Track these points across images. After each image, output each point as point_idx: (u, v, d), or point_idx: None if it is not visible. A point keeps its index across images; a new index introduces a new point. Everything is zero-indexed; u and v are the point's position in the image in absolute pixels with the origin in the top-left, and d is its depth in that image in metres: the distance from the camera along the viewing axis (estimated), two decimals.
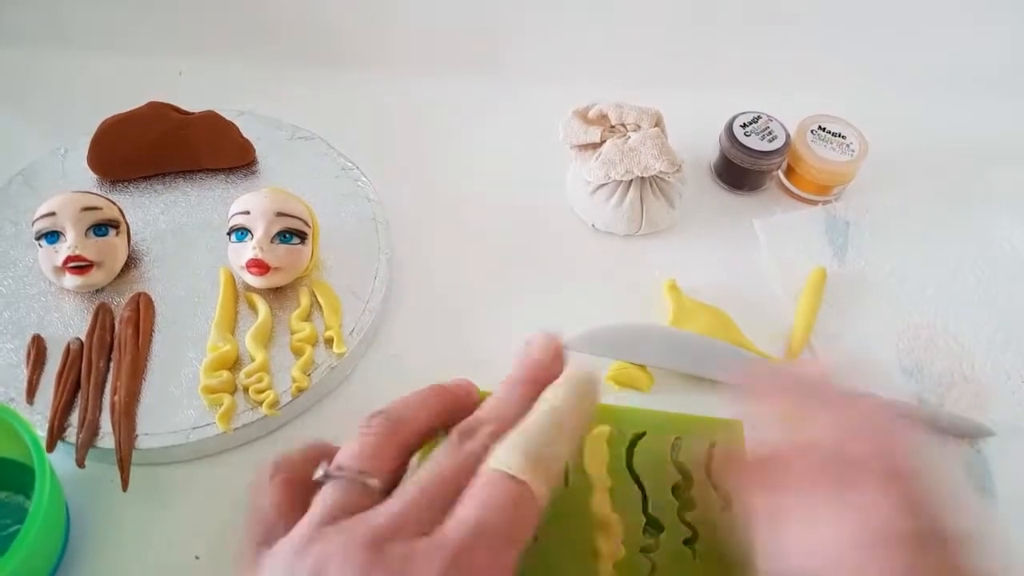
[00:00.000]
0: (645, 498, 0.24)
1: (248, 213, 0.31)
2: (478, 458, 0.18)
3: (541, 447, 0.19)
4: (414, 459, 0.20)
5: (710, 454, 0.26)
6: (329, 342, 0.31)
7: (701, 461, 0.26)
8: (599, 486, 0.24)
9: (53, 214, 0.30)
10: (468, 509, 0.17)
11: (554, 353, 0.22)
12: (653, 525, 0.24)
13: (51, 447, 0.28)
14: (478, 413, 0.20)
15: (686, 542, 0.24)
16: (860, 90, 0.43)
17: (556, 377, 0.21)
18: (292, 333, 0.31)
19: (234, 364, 0.30)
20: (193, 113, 0.36)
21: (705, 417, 0.27)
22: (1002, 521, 0.29)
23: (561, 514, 0.23)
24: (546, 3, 0.46)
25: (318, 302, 0.32)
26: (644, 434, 0.26)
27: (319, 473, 0.18)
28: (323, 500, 0.17)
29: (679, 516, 0.25)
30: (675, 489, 0.25)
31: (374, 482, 0.18)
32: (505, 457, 0.18)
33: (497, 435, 0.19)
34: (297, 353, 0.31)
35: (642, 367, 0.32)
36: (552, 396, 0.20)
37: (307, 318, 0.31)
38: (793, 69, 0.44)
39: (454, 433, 0.19)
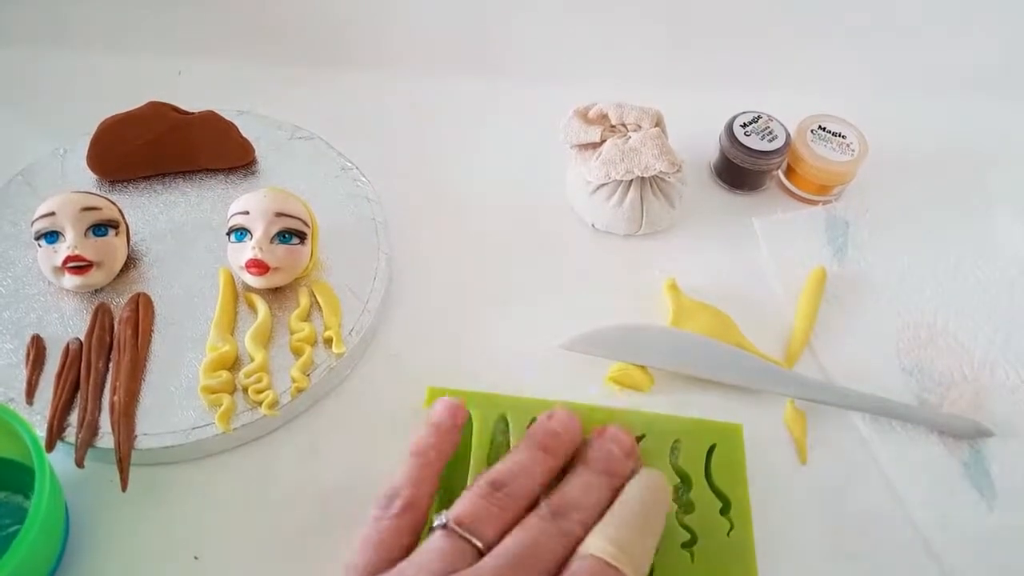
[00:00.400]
0: None
1: (247, 213, 0.31)
2: (574, 538, 0.20)
3: (633, 539, 0.20)
4: None
5: (710, 457, 0.26)
6: (328, 342, 0.31)
7: (700, 464, 0.26)
8: None
9: (52, 214, 0.30)
10: None
11: (629, 448, 0.24)
12: None
13: (50, 447, 0.28)
14: (567, 493, 0.22)
15: (684, 545, 0.24)
16: (860, 90, 0.43)
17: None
18: (291, 333, 0.31)
19: (233, 364, 0.30)
20: (192, 113, 0.36)
21: (705, 420, 0.27)
22: (1001, 521, 0.29)
23: None
24: (546, 3, 0.46)
25: (317, 302, 0.32)
26: (643, 436, 0.26)
27: (439, 521, 0.21)
28: (432, 548, 0.20)
29: (677, 519, 0.25)
30: (674, 492, 0.25)
31: (481, 546, 0.20)
32: (603, 545, 0.20)
33: (587, 523, 0.21)
34: (296, 353, 0.31)
35: (642, 368, 0.32)
36: (636, 490, 0.22)
37: (306, 318, 0.31)
38: (793, 69, 0.44)
39: (545, 507, 0.21)
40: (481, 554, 0.20)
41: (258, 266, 0.31)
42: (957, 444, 0.31)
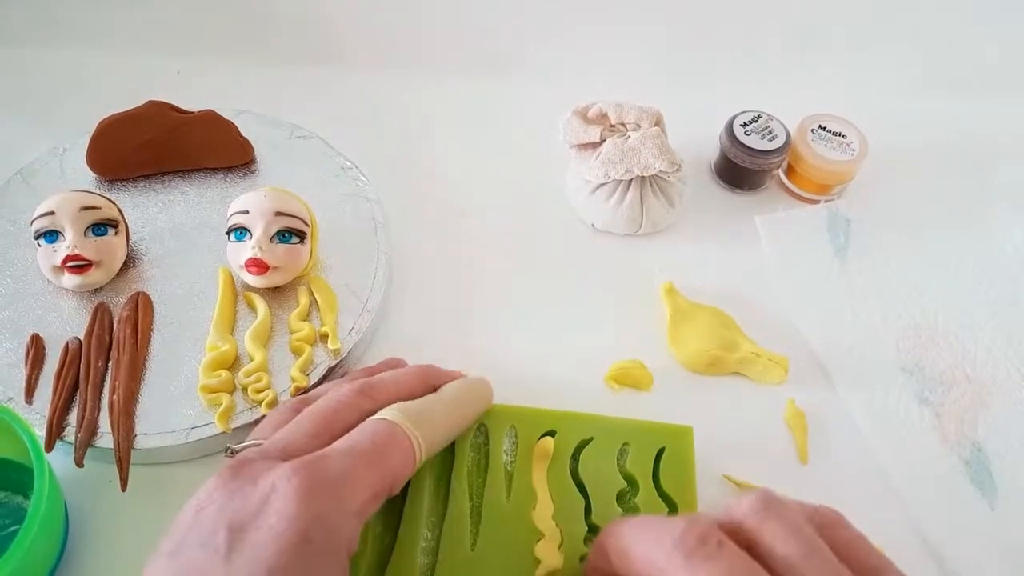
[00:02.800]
0: (589, 506, 0.24)
1: (247, 212, 0.31)
2: (369, 413, 0.22)
3: (422, 412, 0.22)
4: None
5: (658, 460, 0.26)
6: (324, 338, 0.31)
7: (648, 467, 0.26)
8: (541, 496, 0.24)
9: (52, 213, 0.30)
10: (343, 440, 0.20)
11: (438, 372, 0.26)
12: (595, 533, 0.24)
13: (50, 447, 0.28)
14: (381, 378, 0.24)
15: None
16: (861, 89, 0.43)
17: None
18: (291, 333, 0.31)
19: (233, 364, 0.30)
20: (192, 112, 0.36)
21: (655, 423, 0.27)
22: (1003, 520, 0.29)
23: (501, 525, 0.24)
24: (546, 2, 0.46)
25: (316, 300, 0.32)
26: (591, 440, 0.26)
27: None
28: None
29: None
30: (620, 497, 0.25)
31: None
32: (387, 412, 0.21)
33: (390, 402, 0.23)
34: (296, 353, 0.30)
35: (642, 365, 0.32)
36: (450, 387, 0.25)
37: (306, 318, 0.31)
38: (793, 68, 0.44)
39: (358, 383, 0.23)
40: None
41: (258, 265, 0.30)
42: (958, 443, 0.31)
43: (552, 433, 0.26)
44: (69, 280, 0.31)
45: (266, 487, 0.19)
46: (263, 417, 0.29)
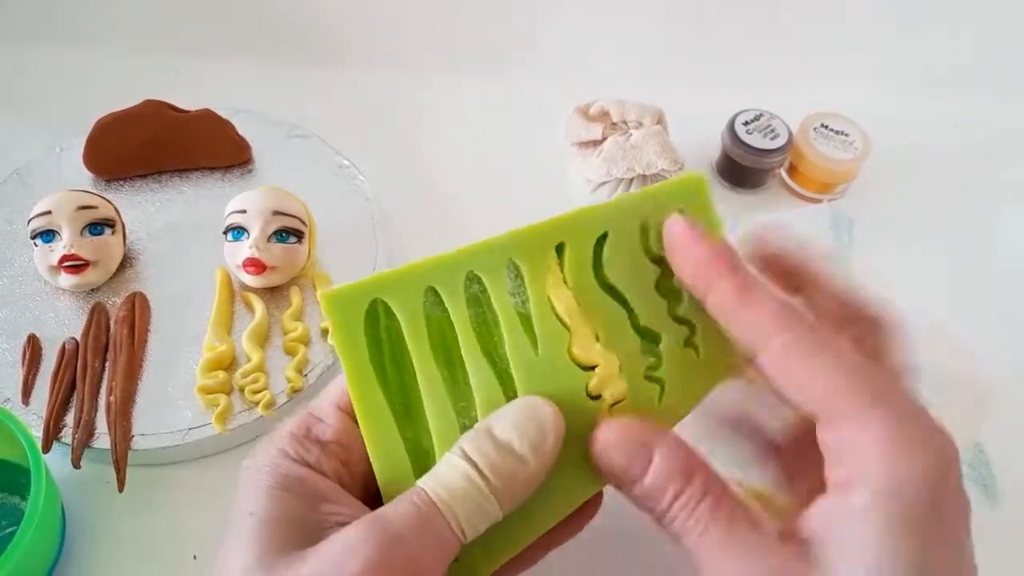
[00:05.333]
0: (631, 311, 0.20)
1: (244, 212, 0.31)
2: None
3: (468, 494, 0.16)
4: None
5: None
6: (325, 332, 0.31)
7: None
8: (574, 327, 0.19)
9: (49, 213, 0.30)
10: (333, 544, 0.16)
11: None
12: (649, 338, 0.20)
13: (47, 448, 0.28)
14: None
15: (687, 341, 0.20)
16: (863, 88, 0.42)
17: None
18: (284, 333, 0.31)
19: (230, 364, 0.30)
20: (189, 111, 0.36)
21: (663, 185, 0.21)
22: (1005, 520, 0.29)
23: (541, 380, 0.18)
24: (547, 1, 0.46)
25: (316, 298, 0.32)
26: (606, 235, 0.20)
27: None
28: None
29: (671, 314, 0.20)
30: (657, 285, 0.20)
31: None
32: (428, 480, 0.17)
33: None
34: (290, 353, 0.30)
35: None
36: (505, 422, 0.18)
37: (299, 318, 0.31)
38: (795, 66, 0.44)
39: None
40: None
41: (255, 265, 0.30)
42: (960, 444, 0.30)
43: (560, 249, 0.20)
44: (66, 280, 0.31)
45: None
46: (260, 418, 0.29)
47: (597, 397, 0.19)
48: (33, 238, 0.31)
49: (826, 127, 0.38)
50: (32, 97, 0.42)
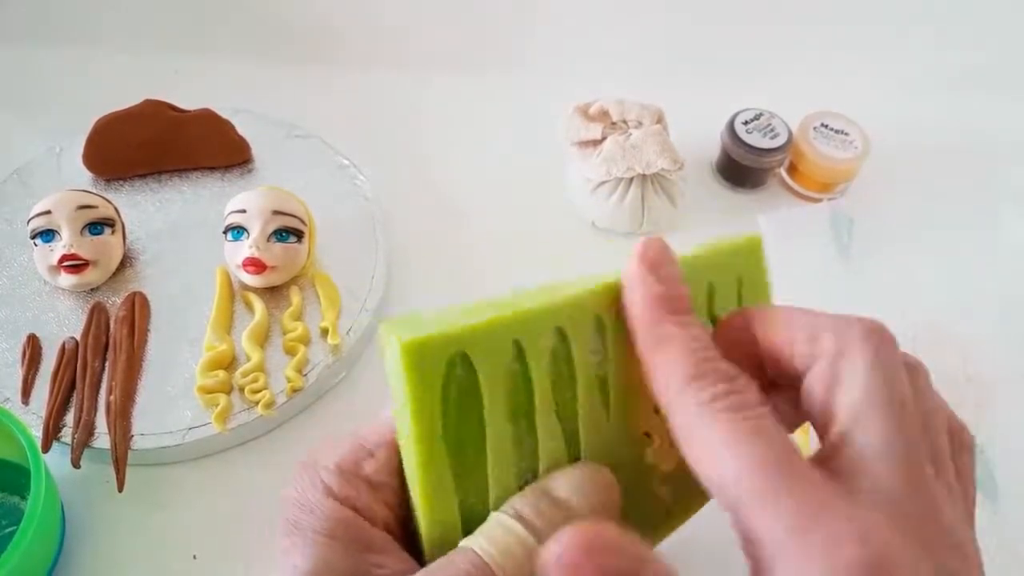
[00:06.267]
0: None
1: (244, 211, 0.31)
2: None
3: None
4: None
5: (741, 292, 0.21)
6: (324, 332, 0.31)
7: (734, 303, 0.20)
8: (642, 391, 0.17)
9: (48, 212, 0.30)
10: None
11: None
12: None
13: (46, 447, 0.28)
14: None
15: None
16: (863, 87, 0.42)
17: None
18: (284, 333, 0.31)
19: (230, 364, 0.30)
20: (189, 111, 0.36)
21: (724, 244, 0.21)
22: (1005, 521, 0.28)
23: (604, 443, 0.18)
24: (547, 1, 0.46)
25: (316, 295, 0.32)
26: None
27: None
28: None
29: None
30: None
31: None
32: (485, 541, 0.15)
33: None
34: (290, 353, 0.30)
35: None
36: (566, 486, 0.16)
37: (299, 317, 0.31)
38: (795, 66, 0.44)
39: None
40: None
41: (255, 265, 0.30)
42: None
43: None
44: (65, 280, 0.31)
45: None
46: (259, 418, 0.29)
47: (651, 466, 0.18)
48: (33, 238, 0.31)
49: (826, 126, 0.38)
50: (32, 97, 0.42)
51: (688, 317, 0.16)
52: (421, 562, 0.16)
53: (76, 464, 0.27)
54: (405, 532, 0.17)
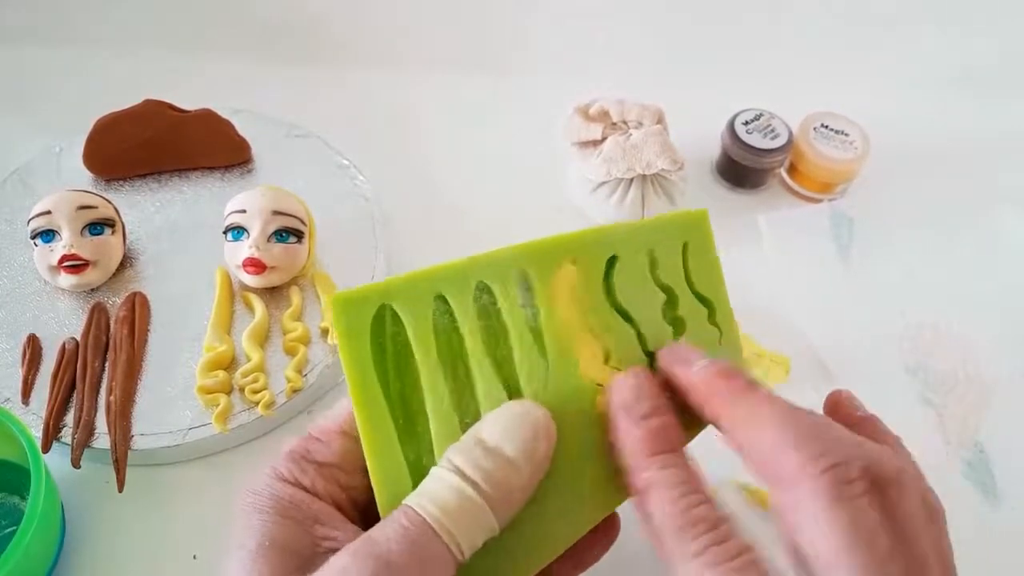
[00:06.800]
0: (639, 334, 0.20)
1: (244, 212, 0.31)
2: None
3: (461, 507, 0.16)
4: None
5: (686, 257, 0.22)
6: (325, 332, 0.31)
7: (680, 270, 0.21)
8: (584, 340, 0.19)
9: (48, 213, 0.30)
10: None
11: None
12: (655, 361, 0.20)
13: (46, 448, 0.28)
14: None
15: None
16: (863, 88, 0.42)
17: None
18: (284, 333, 0.31)
19: (230, 364, 0.30)
20: (189, 111, 0.36)
21: (669, 216, 0.22)
22: (1005, 521, 0.29)
23: (548, 392, 0.18)
24: (547, 1, 0.46)
25: (316, 295, 0.32)
26: (616, 259, 0.20)
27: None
28: None
29: (675, 340, 0.20)
30: (664, 312, 0.21)
31: None
32: (423, 497, 0.16)
33: None
34: (290, 353, 0.30)
35: None
36: (493, 427, 0.17)
37: (299, 318, 0.31)
38: (796, 66, 0.44)
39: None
40: None
41: (255, 265, 0.30)
42: (960, 444, 0.30)
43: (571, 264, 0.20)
44: (65, 280, 0.31)
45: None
46: (259, 418, 0.29)
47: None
48: (33, 238, 0.31)
49: (826, 127, 0.38)
50: (32, 97, 0.42)
51: (670, 456, 0.17)
52: None
53: (76, 464, 0.27)
54: (362, 512, 0.18)
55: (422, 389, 0.18)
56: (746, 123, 0.38)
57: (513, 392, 0.18)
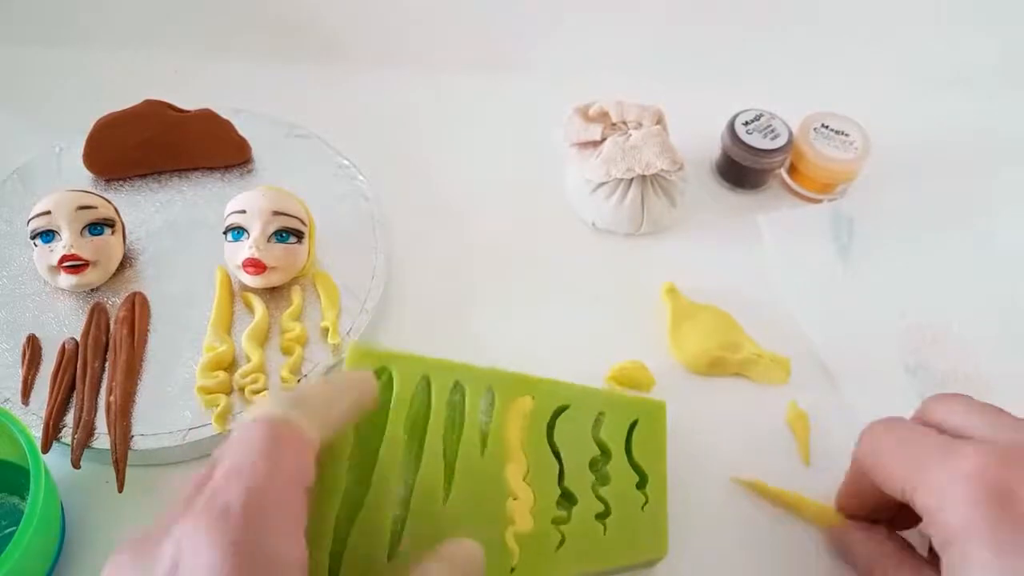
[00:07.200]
0: (562, 471, 0.25)
1: (244, 212, 0.31)
2: None
3: (298, 395, 0.19)
4: None
5: (631, 432, 0.26)
6: (325, 332, 0.31)
7: (622, 438, 0.26)
8: (515, 457, 0.24)
9: (48, 213, 0.30)
10: (221, 463, 0.17)
11: None
12: (567, 498, 0.25)
13: (46, 448, 0.28)
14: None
15: (598, 516, 0.25)
16: (863, 87, 0.42)
17: None
18: (282, 333, 0.31)
19: (230, 364, 0.30)
20: (189, 111, 0.36)
21: (630, 396, 0.28)
22: None
23: (474, 480, 0.23)
24: (546, 1, 0.46)
25: (317, 294, 0.32)
26: (567, 407, 0.26)
27: None
28: None
29: (594, 490, 0.25)
30: (592, 464, 0.25)
31: None
32: (256, 410, 0.18)
33: None
34: (287, 353, 0.30)
35: (643, 366, 0.31)
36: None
37: (298, 318, 0.31)
38: (796, 66, 0.44)
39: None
40: None
41: (255, 265, 0.30)
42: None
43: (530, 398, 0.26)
44: (65, 280, 0.31)
45: (171, 550, 0.16)
46: None
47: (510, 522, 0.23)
48: (33, 238, 0.31)
49: (826, 127, 0.38)
50: (32, 97, 0.42)
51: None
52: None
53: (76, 464, 0.27)
54: None
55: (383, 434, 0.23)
56: (746, 123, 0.38)
57: (449, 465, 0.23)
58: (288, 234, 0.31)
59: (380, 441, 0.23)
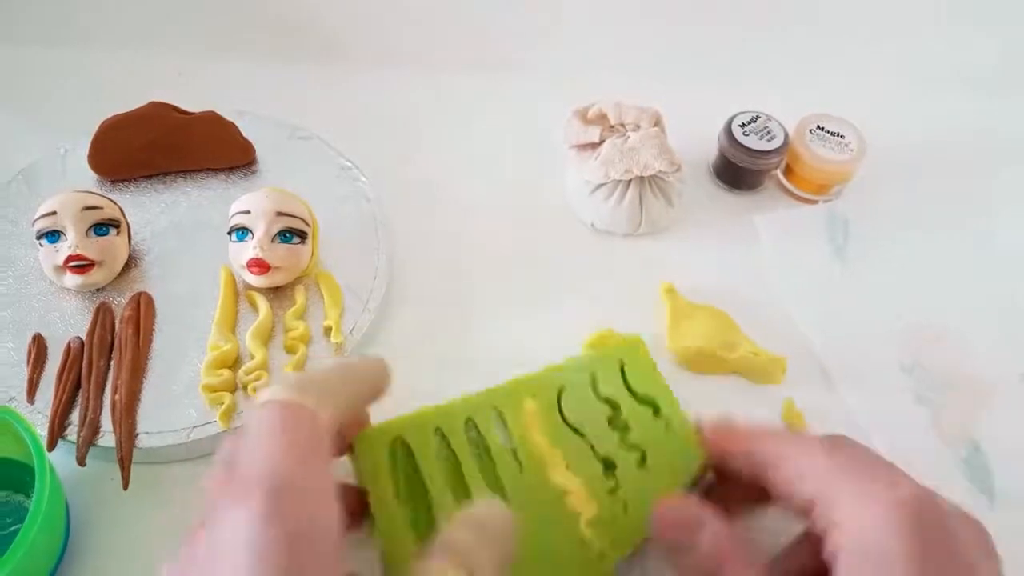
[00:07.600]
0: (591, 444, 0.26)
1: (248, 212, 0.31)
2: None
3: (305, 377, 0.20)
4: None
5: (624, 371, 0.27)
6: (328, 331, 0.31)
7: (620, 384, 0.27)
8: (549, 456, 0.25)
9: (54, 213, 0.31)
10: (240, 451, 0.18)
11: None
12: (608, 467, 0.25)
13: (51, 446, 0.28)
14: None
15: (639, 464, 0.26)
16: (859, 89, 0.43)
17: None
18: (286, 331, 0.31)
19: (235, 363, 0.30)
20: (193, 113, 0.36)
21: (607, 348, 0.28)
22: (1002, 518, 0.29)
23: (528, 495, 0.24)
24: (546, 2, 0.47)
25: (320, 294, 0.32)
26: (563, 387, 0.27)
27: None
28: None
29: (623, 444, 0.26)
30: (610, 421, 0.26)
31: None
32: (264, 394, 0.19)
33: None
34: (290, 351, 0.31)
35: (613, 332, 0.32)
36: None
37: (302, 317, 0.32)
38: (793, 67, 0.44)
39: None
40: None
41: (259, 265, 0.31)
42: (957, 442, 0.31)
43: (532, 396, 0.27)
44: (71, 280, 0.31)
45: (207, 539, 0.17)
46: None
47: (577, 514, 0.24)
48: (38, 239, 0.31)
49: (822, 128, 0.39)
50: (37, 98, 0.42)
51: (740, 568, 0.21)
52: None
53: (81, 462, 0.28)
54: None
55: (428, 494, 0.23)
56: (743, 125, 0.38)
57: (502, 497, 0.24)
58: (292, 234, 0.31)
59: (428, 502, 0.23)
